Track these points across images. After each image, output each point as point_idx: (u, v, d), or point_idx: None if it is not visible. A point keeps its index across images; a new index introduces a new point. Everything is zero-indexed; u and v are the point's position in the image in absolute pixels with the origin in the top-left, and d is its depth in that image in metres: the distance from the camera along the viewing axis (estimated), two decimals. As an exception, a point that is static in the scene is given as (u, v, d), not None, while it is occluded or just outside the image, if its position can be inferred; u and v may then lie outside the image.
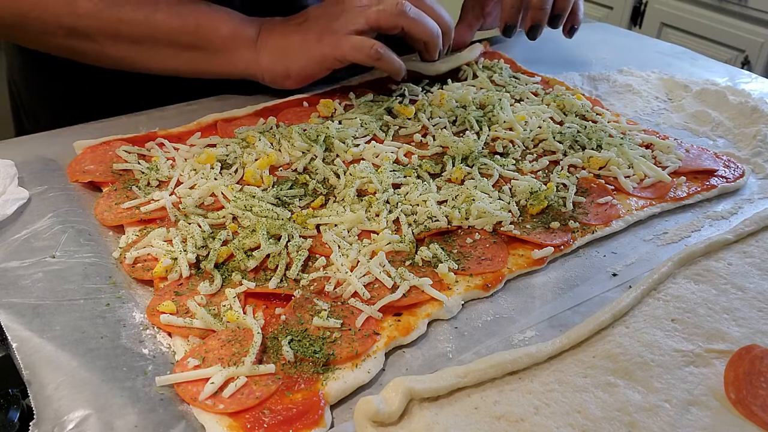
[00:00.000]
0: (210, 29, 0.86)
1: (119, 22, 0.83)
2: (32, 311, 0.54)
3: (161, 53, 0.87)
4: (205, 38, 0.86)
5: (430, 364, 0.53)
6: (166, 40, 0.85)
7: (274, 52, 0.87)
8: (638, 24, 2.43)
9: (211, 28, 0.86)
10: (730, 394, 0.49)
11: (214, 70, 0.89)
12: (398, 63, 0.88)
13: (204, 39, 0.86)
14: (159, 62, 0.87)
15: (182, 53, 0.87)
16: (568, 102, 0.90)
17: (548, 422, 0.47)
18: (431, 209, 0.67)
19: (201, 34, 0.86)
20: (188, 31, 0.85)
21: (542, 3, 0.96)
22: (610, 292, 0.61)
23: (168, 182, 0.71)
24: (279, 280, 0.59)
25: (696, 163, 0.79)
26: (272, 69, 0.88)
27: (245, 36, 0.88)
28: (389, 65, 0.87)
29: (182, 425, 0.46)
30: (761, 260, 0.64)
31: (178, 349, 0.52)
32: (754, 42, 2.08)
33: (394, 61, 0.87)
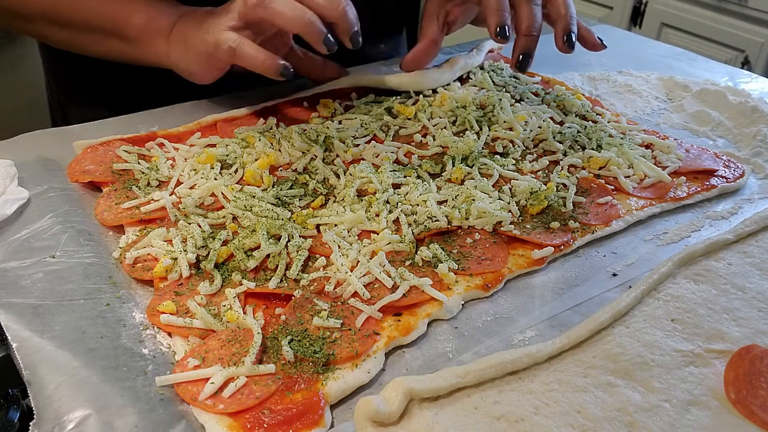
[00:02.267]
0: (123, 18, 0.83)
1: (47, 4, 0.82)
2: (32, 311, 0.54)
3: (90, 38, 0.86)
4: (120, 27, 0.84)
5: (430, 364, 0.53)
6: (90, 26, 0.84)
7: (181, 45, 0.82)
8: (638, 24, 2.43)
9: (124, 17, 0.83)
10: (730, 394, 0.49)
11: (138, 58, 0.86)
12: (262, 59, 0.76)
13: (119, 28, 0.84)
14: (93, 47, 0.86)
15: (107, 40, 0.85)
16: (568, 102, 0.90)
17: (548, 422, 0.47)
18: (431, 209, 0.67)
19: (116, 23, 0.83)
20: (106, 18, 0.83)
21: (530, 28, 0.85)
22: (610, 292, 0.61)
23: (168, 182, 0.71)
24: (279, 280, 0.59)
25: (696, 163, 0.79)
26: (178, 63, 0.83)
27: (158, 27, 0.83)
28: (250, 62, 0.77)
29: (182, 425, 0.46)
30: (761, 260, 0.64)
31: (178, 349, 0.52)
32: (754, 42, 2.08)
33: (254, 57, 0.76)
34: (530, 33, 0.84)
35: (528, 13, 0.84)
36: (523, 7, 0.84)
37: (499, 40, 0.84)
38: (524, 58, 0.85)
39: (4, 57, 1.29)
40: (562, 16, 0.85)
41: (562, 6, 0.86)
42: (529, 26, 0.84)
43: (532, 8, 0.84)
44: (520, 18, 0.84)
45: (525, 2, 0.84)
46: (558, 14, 0.85)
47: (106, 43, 0.85)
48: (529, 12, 0.84)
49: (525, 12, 0.84)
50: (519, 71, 0.87)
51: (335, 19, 0.76)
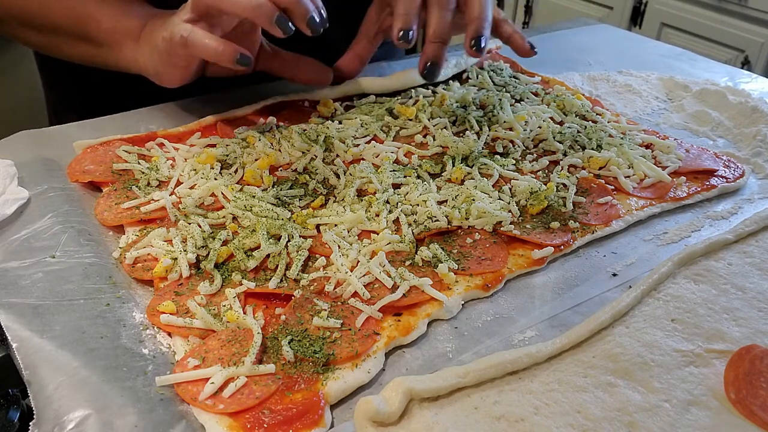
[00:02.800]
0: (91, 21, 0.81)
1: (18, 7, 0.81)
2: (32, 311, 0.54)
3: (61, 42, 0.84)
4: (89, 31, 0.82)
5: (430, 364, 0.53)
6: (59, 29, 0.83)
7: (147, 48, 0.79)
8: (638, 24, 2.43)
9: (93, 21, 0.81)
10: (730, 394, 0.49)
11: (108, 63, 0.84)
12: (215, 47, 0.72)
13: (87, 31, 0.82)
14: (65, 50, 0.85)
15: (77, 43, 0.84)
16: (568, 102, 0.90)
17: (548, 422, 0.47)
18: (431, 209, 0.67)
19: (84, 26, 0.82)
20: (75, 21, 0.82)
21: (437, 35, 0.80)
22: (610, 292, 0.61)
23: (168, 182, 0.71)
24: (279, 280, 0.59)
25: (696, 163, 0.79)
26: (146, 66, 0.80)
27: (126, 30, 0.81)
28: (202, 50, 0.73)
29: (182, 425, 0.46)
30: (761, 260, 0.64)
31: (178, 349, 0.52)
32: (754, 42, 2.08)
33: (207, 45, 0.72)
34: (437, 39, 0.80)
35: (436, 19, 0.80)
36: (432, 13, 0.80)
37: (400, 45, 0.80)
38: (431, 67, 0.81)
39: (3, 57, 1.29)
40: (473, 19, 0.80)
41: (475, 8, 0.81)
42: (435, 32, 0.80)
43: (441, 14, 0.80)
44: (428, 24, 0.80)
45: (436, 8, 0.80)
46: (470, 17, 0.81)
47: (77, 46, 0.84)
48: (437, 18, 0.80)
49: (433, 18, 0.80)
50: (426, 80, 0.83)
51: (287, 3, 0.72)
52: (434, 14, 0.80)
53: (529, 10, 2.87)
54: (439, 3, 0.80)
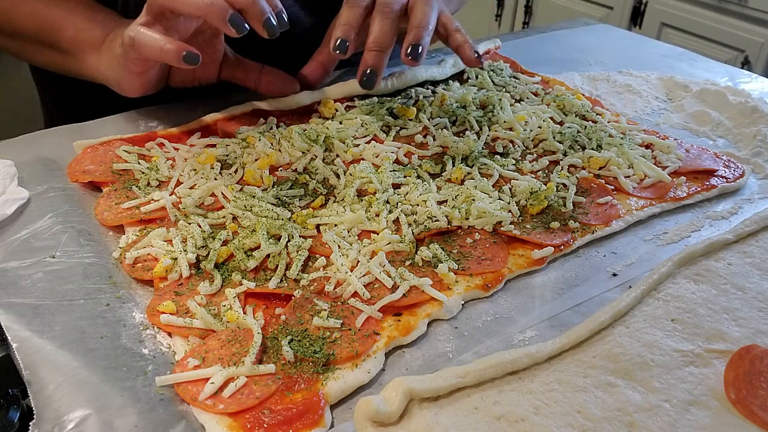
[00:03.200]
0: (56, 29, 0.80)
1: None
2: (32, 311, 0.54)
3: (31, 49, 0.83)
4: (54, 38, 0.81)
5: (430, 364, 0.53)
6: (27, 36, 0.82)
7: (107, 56, 0.77)
8: (638, 24, 2.43)
9: (57, 28, 0.80)
10: (730, 394, 0.49)
11: (74, 71, 0.83)
12: (160, 45, 0.69)
13: (53, 39, 0.81)
14: (35, 57, 0.84)
15: (45, 51, 0.83)
16: (568, 102, 0.90)
17: (548, 422, 0.47)
18: (431, 209, 0.67)
19: (50, 34, 0.81)
20: (41, 29, 0.81)
21: (375, 43, 0.78)
22: (610, 292, 0.61)
23: (168, 182, 0.71)
24: (279, 280, 0.59)
25: (696, 163, 0.79)
26: (107, 75, 0.78)
27: (90, 38, 0.79)
28: (149, 49, 0.70)
29: (182, 425, 0.46)
30: (761, 260, 0.64)
31: (178, 349, 0.52)
32: (754, 42, 2.08)
33: (152, 44, 0.70)
34: (376, 48, 0.78)
35: (377, 27, 0.79)
36: (374, 21, 0.79)
37: (337, 55, 0.79)
38: (370, 75, 0.78)
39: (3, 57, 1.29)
40: (412, 27, 0.79)
41: (417, 16, 0.80)
42: (375, 40, 0.78)
43: (382, 22, 0.79)
44: (369, 32, 0.79)
45: (378, 16, 0.79)
46: (411, 25, 0.80)
47: (45, 54, 0.83)
48: (378, 26, 0.79)
49: (374, 26, 0.79)
50: (364, 88, 0.81)
51: (242, 5, 0.70)
52: (375, 22, 0.79)
53: (529, 10, 2.87)
54: (382, 11, 0.79)
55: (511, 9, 2.93)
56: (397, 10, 0.80)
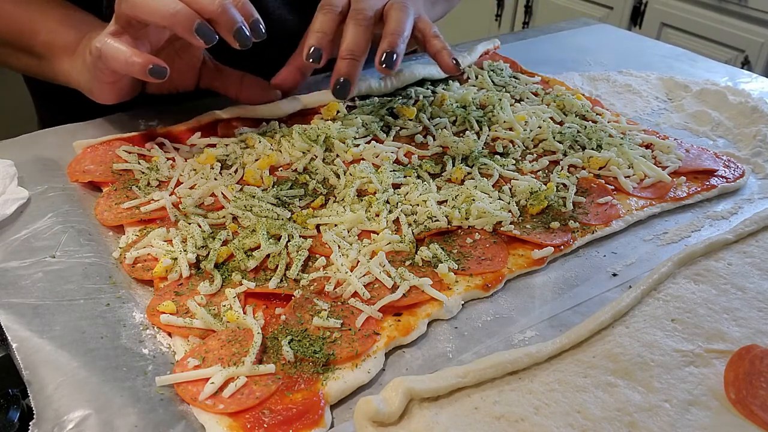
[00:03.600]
0: (30, 33, 0.78)
1: None
2: (32, 311, 0.54)
3: (7, 53, 0.82)
4: (27, 43, 0.79)
5: (430, 364, 0.53)
6: (3, 40, 0.81)
7: (81, 61, 0.75)
8: (638, 24, 2.43)
9: (31, 32, 0.78)
10: (730, 394, 0.49)
11: (48, 76, 0.81)
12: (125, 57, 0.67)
13: (27, 43, 0.79)
14: (13, 62, 0.82)
15: (21, 55, 0.81)
16: (568, 102, 0.90)
17: (548, 422, 0.47)
18: (431, 209, 0.67)
19: (24, 38, 0.79)
20: (15, 32, 0.79)
21: (347, 51, 0.75)
22: (610, 292, 0.61)
23: (168, 182, 0.71)
24: (279, 280, 0.59)
25: (696, 163, 0.79)
26: (79, 81, 0.76)
27: (63, 43, 0.77)
28: (114, 61, 0.68)
29: (182, 425, 0.46)
30: (761, 260, 0.64)
31: (178, 349, 0.52)
32: (754, 42, 2.08)
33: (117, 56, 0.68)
34: (349, 56, 0.76)
35: (350, 35, 0.77)
36: (347, 28, 0.77)
37: (310, 64, 0.77)
38: (343, 84, 0.76)
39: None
40: (387, 34, 0.77)
41: (392, 23, 0.77)
42: (347, 48, 0.76)
43: (356, 29, 0.77)
44: (342, 39, 0.77)
45: (351, 23, 0.77)
46: (385, 32, 0.77)
47: (20, 58, 0.81)
48: (351, 33, 0.77)
49: (347, 33, 0.77)
50: (337, 98, 0.78)
51: (211, 14, 0.67)
52: (348, 29, 0.77)
53: (529, 10, 2.87)
54: (355, 18, 0.77)
55: (511, 9, 2.93)
56: (371, 17, 0.78)
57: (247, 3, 0.71)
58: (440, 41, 0.83)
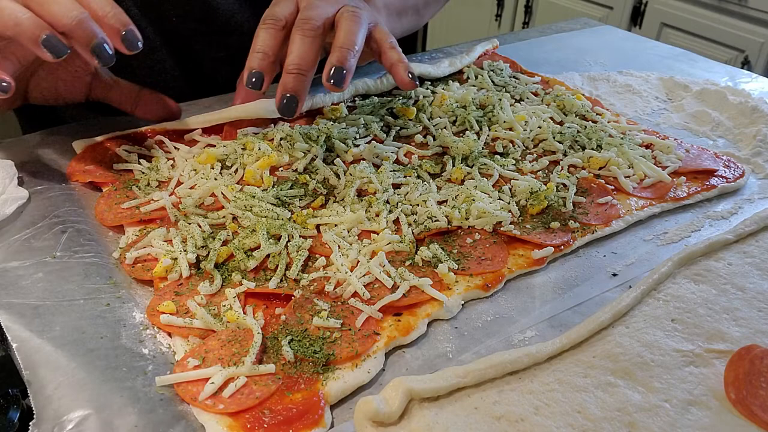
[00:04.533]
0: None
1: None
2: (32, 311, 0.54)
3: None
4: None
5: (430, 364, 0.53)
6: None
7: None
8: (638, 24, 2.43)
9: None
10: (730, 394, 0.49)
11: None
12: None
13: None
14: None
15: None
16: (568, 102, 0.90)
17: (548, 422, 0.47)
18: (431, 209, 0.67)
19: None
20: None
21: (292, 65, 0.70)
22: (610, 292, 0.61)
23: (168, 182, 0.71)
24: (279, 280, 0.59)
25: (696, 163, 0.79)
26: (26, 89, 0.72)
27: None
28: None
29: (182, 425, 0.46)
30: (761, 260, 0.64)
31: (178, 349, 0.52)
32: (754, 42, 2.08)
33: None
34: (294, 70, 0.70)
35: (296, 48, 0.71)
36: (293, 41, 0.72)
37: (251, 91, 0.73)
38: (288, 100, 0.71)
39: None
40: (336, 47, 0.71)
41: (341, 35, 0.72)
42: (293, 62, 0.70)
43: (302, 42, 0.71)
44: (288, 51, 0.72)
45: (297, 35, 0.72)
46: (334, 45, 0.72)
47: None
48: (296, 46, 0.71)
49: (293, 46, 0.71)
50: (282, 115, 0.72)
51: (64, 27, 0.61)
52: (295, 41, 0.71)
53: (529, 10, 2.87)
54: (302, 29, 0.71)
55: (511, 9, 2.93)
56: (319, 26, 0.72)
57: (118, 13, 0.64)
58: (396, 53, 0.77)
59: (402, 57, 0.76)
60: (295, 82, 0.70)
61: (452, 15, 3.18)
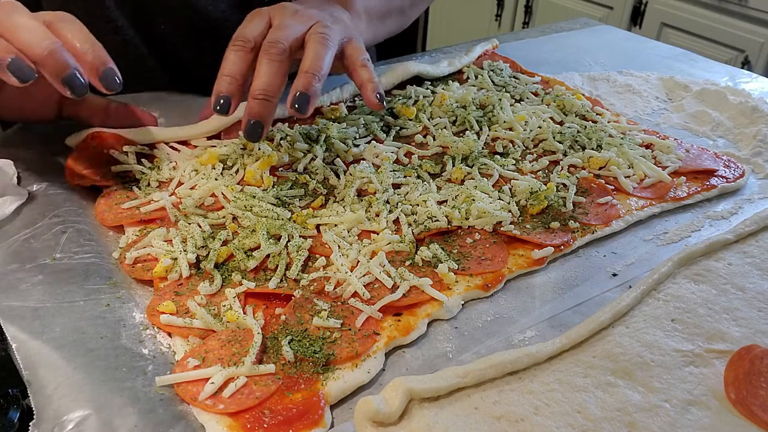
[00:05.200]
0: None
1: None
2: (32, 311, 0.54)
3: None
4: None
5: (430, 364, 0.53)
6: None
7: None
8: (638, 24, 2.43)
9: None
10: (730, 394, 0.49)
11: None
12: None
13: None
14: None
15: None
16: (568, 102, 0.90)
17: (548, 422, 0.47)
18: (431, 209, 0.67)
19: None
20: None
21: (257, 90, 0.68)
22: (610, 292, 0.61)
23: (169, 183, 0.71)
24: (279, 280, 0.59)
25: (696, 163, 0.79)
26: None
27: None
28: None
29: (182, 425, 0.46)
30: (761, 260, 0.64)
31: (178, 349, 0.52)
32: (754, 42, 2.08)
33: None
34: (260, 95, 0.68)
35: (262, 73, 0.68)
36: (260, 65, 0.69)
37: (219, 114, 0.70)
38: (252, 127, 0.68)
39: None
40: (302, 72, 0.69)
41: (307, 59, 0.70)
42: (258, 87, 0.68)
43: (268, 67, 0.68)
44: (254, 75, 0.70)
45: (264, 59, 0.69)
46: (300, 69, 0.69)
47: None
48: (264, 71, 0.68)
49: (260, 70, 0.69)
50: (248, 140, 0.70)
51: (35, 57, 0.60)
52: (261, 65, 0.69)
53: (529, 10, 2.87)
54: (268, 53, 0.69)
55: (511, 9, 2.93)
56: (285, 50, 0.69)
57: (98, 50, 0.63)
58: (368, 71, 0.74)
59: (372, 76, 0.74)
60: (260, 107, 0.68)
61: (452, 15, 3.18)
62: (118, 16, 0.86)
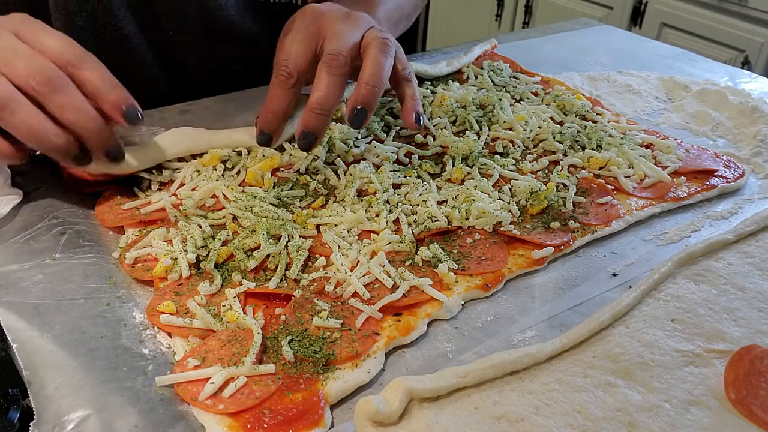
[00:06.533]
0: None
1: None
2: (32, 312, 0.54)
3: None
4: None
5: (430, 364, 0.53)
6: None
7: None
8: (638, 24, 2.43)
9: None
10: (730, 394, 0.49)
11: None
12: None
13: None
14: None
15: None
16: (568, 102, 0.90)
17: (548, 422, 0.47)
18: (431, 209, 0.67)
19: None
20: None
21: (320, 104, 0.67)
22: (610, 292, 0.61)
23: (170, 184, 0.71)
24: (279, 280, 0.59)
25: (696, 163, 0.79)
26: None
27: None
28: None
29: (182, 425, 0.46)
30: (761, 260, 0.64)
31: (178, 349, 0.52)
32: (754, 42, 2.08)
33: None
34: (318, 110, 0.67)
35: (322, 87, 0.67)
36: (319, 76, 0.67)
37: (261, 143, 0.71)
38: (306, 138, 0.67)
39: None
40: (362, 83, 0.67)
41: (369, 67, 0.68)
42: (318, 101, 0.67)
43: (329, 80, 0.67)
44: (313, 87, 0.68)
45: (324, 71, 0.67)
46: (361, 78, 0.68)
47: None
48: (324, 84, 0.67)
49: (319, 83, 0.67)
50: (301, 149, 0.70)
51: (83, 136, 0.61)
52: (321, 78, 0.67)
53: (529, 10, 2.87)
54: (329, 65, 0.67)
55: (511, 9, 2.93)
56: (347, 61, 0.68)
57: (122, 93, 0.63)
58: (411, 87, 0.74)
59: (415, 93, 0.73)
60: (316, 120, 0.67)
61: (452, 15, 3.18)
62: (126, 24, 0.85)
